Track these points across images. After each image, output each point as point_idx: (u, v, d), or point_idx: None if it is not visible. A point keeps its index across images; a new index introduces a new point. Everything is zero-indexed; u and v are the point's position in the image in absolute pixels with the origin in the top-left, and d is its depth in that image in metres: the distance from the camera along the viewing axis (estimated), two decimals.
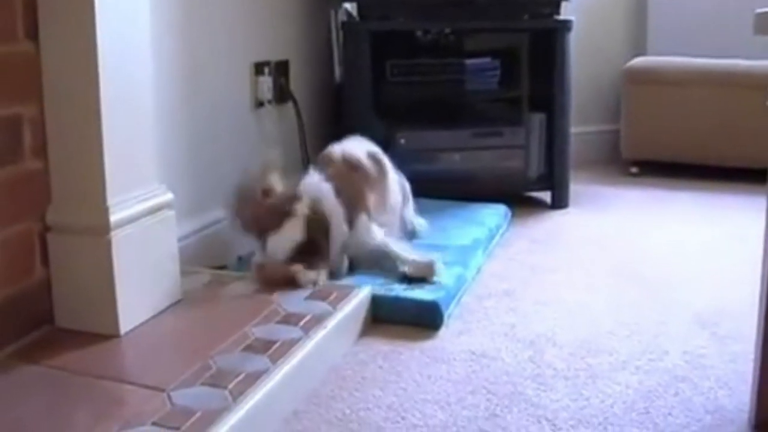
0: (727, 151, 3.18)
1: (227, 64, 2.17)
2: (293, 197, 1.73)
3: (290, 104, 2.48)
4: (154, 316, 1.54)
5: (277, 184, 1.77)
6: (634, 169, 3.32)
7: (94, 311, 1.46)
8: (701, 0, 3.46)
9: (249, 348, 1.41)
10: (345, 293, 1.66)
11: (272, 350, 1.40)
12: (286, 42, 2.51)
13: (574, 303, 1.86)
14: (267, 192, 1.76)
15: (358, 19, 2.64)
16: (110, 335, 1.45)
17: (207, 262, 1.97)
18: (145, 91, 1.55)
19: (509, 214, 2.50)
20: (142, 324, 1.50)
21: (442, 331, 1.68)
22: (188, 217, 1.93)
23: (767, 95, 3.11)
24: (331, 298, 1.64)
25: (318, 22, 2.70)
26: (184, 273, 1.68)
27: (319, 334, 1.48)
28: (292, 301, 1.63)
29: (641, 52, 3.50)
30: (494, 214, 2.42)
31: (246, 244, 2.15)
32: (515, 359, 1.56)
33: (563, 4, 2.63)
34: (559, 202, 2.74)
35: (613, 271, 2.08)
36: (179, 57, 1.93)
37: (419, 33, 2.74)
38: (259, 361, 1.35)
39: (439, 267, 1.79)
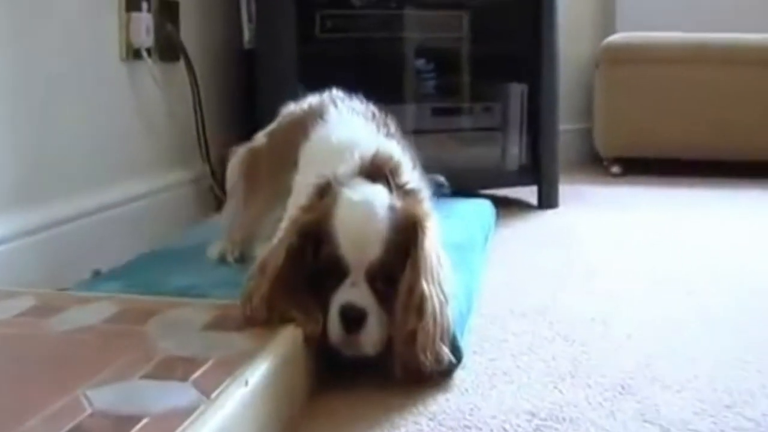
0: (729, 143, 2.65)
1: None
2: None
3: (181, 64, 1.72)
4: None
5: None
6: (615, 169, 2.77)
7: None
8: None
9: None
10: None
11: None
12: None
13: (644, 317, 1.16)
14: None
15: None
16: None
17: (47, 281, 1.20)
18: None
19: (495, 211, 1.80)
20: None
21: (459, 382, 0.94)
22: (11, 209, 1.17)
23: None
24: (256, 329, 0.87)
25: None
26: None
27: (234, 399, 0.71)
28: (179, 337, 0.85)
29: (610, 31, 2.94)
30: (479, 210, 1.71)
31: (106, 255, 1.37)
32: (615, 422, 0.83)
33: None
34: (548, 200, 2.08)
35: (664, 277, 1.42)
36: None
37: None
38: None
39: None
